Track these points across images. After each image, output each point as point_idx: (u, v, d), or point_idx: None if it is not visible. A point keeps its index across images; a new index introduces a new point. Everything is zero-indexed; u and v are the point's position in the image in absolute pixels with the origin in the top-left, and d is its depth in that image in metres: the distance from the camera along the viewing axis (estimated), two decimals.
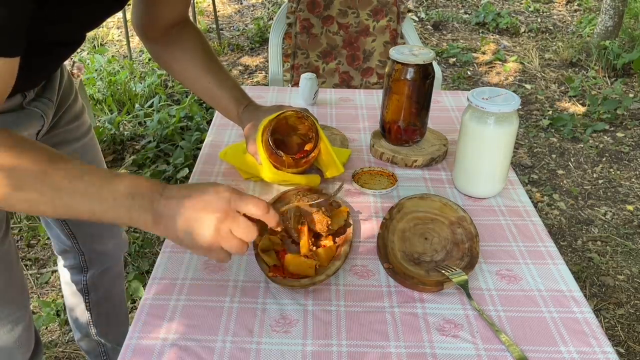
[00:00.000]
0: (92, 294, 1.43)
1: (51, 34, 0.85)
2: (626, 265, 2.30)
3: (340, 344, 0.80)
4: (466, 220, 1.02)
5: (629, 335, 1.99)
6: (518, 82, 3.90)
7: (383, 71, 1.83)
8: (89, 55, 3.86)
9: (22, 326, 1.11)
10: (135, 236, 2.34)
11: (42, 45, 0.86)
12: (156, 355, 0.77)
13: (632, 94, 3.68)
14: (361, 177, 1.18)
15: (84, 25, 0.94)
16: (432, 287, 0.89)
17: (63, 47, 0.95)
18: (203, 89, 1.15)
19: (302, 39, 2.26)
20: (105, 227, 1.35)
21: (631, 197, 2.73)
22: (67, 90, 1.16)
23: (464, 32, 4.75)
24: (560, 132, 3.27)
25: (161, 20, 1.11)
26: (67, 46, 0.96)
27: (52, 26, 0.83)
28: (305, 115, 1.08)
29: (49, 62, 0.98)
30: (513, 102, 1.05)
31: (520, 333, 0.82)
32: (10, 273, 1.08)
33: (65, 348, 1.89)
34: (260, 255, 0.93)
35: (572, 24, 4.91)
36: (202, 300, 0.87)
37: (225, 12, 5.08)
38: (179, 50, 1.14)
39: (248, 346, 0.79)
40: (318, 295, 0.88)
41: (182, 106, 3.18)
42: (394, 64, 1.19)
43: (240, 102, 1.15)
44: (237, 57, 4.22)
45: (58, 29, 0.85)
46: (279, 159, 1.07)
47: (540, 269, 0.95)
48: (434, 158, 1.23)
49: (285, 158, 1.07)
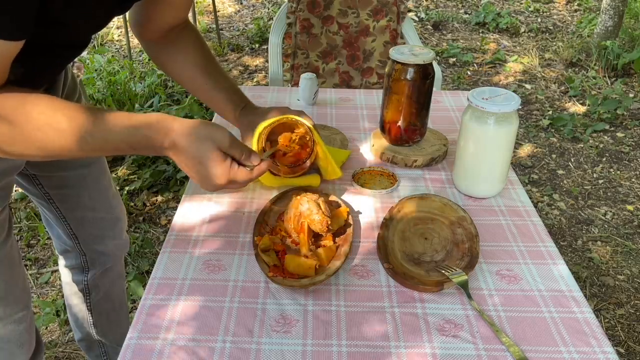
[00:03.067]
0: (93, 294, 1.43)
1: (57, 36, 0.85)
2: (626, 265, 2.30)
3: (340, 344, 0.80)
4: (466, 220, 1.01)
5: (629, 335, 1.99)
6: (518, 82, 3.90)
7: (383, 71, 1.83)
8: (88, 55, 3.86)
9: (23, 326, 1.12)
10: (135, 236, 2.34)
11: (48, 47, 0.87)
12: (156, 355, 0.78)
13: (632, 94, 3.68)
14: (361, 177, 1.18)
15: (90, 27, 0.93)
16: (432, 287, 0.89)
17: (69, 49, 0.95)
18: (200, 89, 1.15)
19: (302, 39, 2.26)
20: (106, 227, 1.35)
21: (631, 197, 2.73)
22: (71, 90, 1.16)
23: (464, 32, 4.75)
24: (560, 132, 3.27)
25: (162, 23, 1.11)
26: (72, 48, 0.96)
27: (58, 28, 0.83)
28: (302, 122, 1.07)
29: (54, 64, 0.98)
30: (513, 102, 1.05)
31: (520, 333, 0.82)
32: (13, 273, 1.08)
33: (65, 348, 1.89)
34: (260, 255, 0.93)
35: (572, 24, 4.91)
36: (202, 300, 0.87)
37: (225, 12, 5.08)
38: (178, 51, 1.13)
39: (248, 346, 0.79)
40: (318, 295, 0.89)
41: (182, 106, 3.18)
42: (394, 64, 1.19)
43: (238, 103, 1.14)
44: (237, 57, 4.22)
45: (64, 31, 0.85)
46: (276, 167, 1.07)
47: (540, 269, 0.95)
48: (434, 158, 1.23)
49: (281, 167, 1.07)
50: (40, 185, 1.21)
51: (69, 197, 1.25)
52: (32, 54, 0.82)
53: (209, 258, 0.96)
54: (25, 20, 0.71)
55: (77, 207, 1.28)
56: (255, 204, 1.10)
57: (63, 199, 1.25)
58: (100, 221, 1.33)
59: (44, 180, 1.21)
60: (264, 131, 1.05)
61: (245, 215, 1.07)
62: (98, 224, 1.33)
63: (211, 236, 1.01)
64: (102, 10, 0.89)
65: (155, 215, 2.52)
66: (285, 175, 1.10)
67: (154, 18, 1.10)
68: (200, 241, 1.00)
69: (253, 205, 1.09)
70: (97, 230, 1.34)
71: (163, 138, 0.84)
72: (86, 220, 1.30)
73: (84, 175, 1.25)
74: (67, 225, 1.30)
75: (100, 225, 1.34)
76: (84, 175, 1.25)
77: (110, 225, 1.36)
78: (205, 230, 1.02)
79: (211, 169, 0.86)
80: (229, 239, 1.01)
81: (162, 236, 2.39)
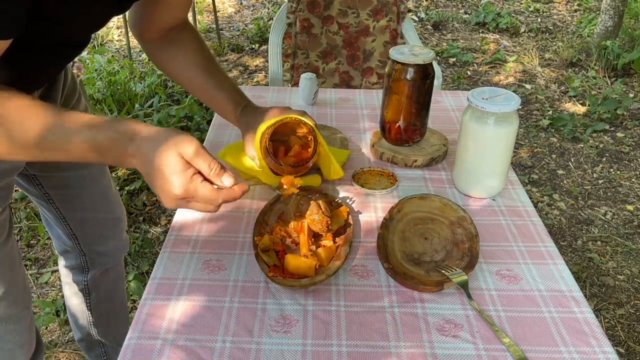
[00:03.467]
0: (93, 294, 1.43)
1: (52, 34, 0.85)
2: (626, 265, 2.30)
3: (340, 344, 0.80)
4: (466, 220, 1.02)
5: (629, 335, 1.99)
6: (518, 82, 3.90)
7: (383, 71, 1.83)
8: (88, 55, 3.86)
9: (24, 327, 1.12)
10: (135, 236, 2.34)
11: (45, 46, 0.86)
12: (156, 355, 0.78)
13: (632, 94, 3.68)
14: (361, 177, 1.18)
15: (88, 26, 0.93)
16: (432, 287, 0.89)
17: (68, 48, 0.95)
18: (200, 89, 1.14)
19: (302, 39, 2.26)
20: (106, 228, 1.35)
21: (631, 197, 2.73)
22: (71, 91, 1.16)
23: (464, 32, 4.75)
24: (560, 132, 3.27)
25: (161, 23, 1.11)
26: (72, 47, 0.96)
27: (56, 26, 0.82)
28: (304, 122, 1.07)
29: (54, 63, 0.98)
30: (513, 102, 1.05)
31: (520, 333, 0.82)
32: (13, 274, 1.08)
33: (65, 348, 1.89)
34: (260, 255, 0.93)
35: (572, 24, 4.91)
36: (202, 300, 0.87)
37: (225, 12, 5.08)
38: (177, 51, 1.13)
39: (248, 346, 0.79)
40: (318, 295, 0.89)
41: (182, 106, 3.18)
42: (394, 64, 1.19)
43: (238, 103, 1.13)
44: (237, 57, 4.22)
45: (62, 29, 0.85)
46: (278, 167, 1.07)
47: (540, 269, 0.95)
48: (434, 158, 1.23)
49: (284, 167, 1.07)
50: (40, 185, 1.21)
51: (69, 198, 1.25)
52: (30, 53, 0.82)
53: (209, 258, 0.96)
54: (14, 19, 0.71)
55: (77, 207, 1.28)
56: (255, 204, 1.10)
57: (63, 200, 1.25)
58: (100, 221, 1.33)
59: (44, 180, 1.21)
60: (267, 131, 1.04)
61: (245, 215, 1.07)
62: (98, 224, 1.33)
63: (211, 236, 1.01)
64: (98, 7, 0.88)
65: (155, 215, 2.52)
66: (287, 175, 1.09)
67: (153, 18, 1.10)
68: (200, 241, 1.00)
69: (253, 205, 1.09)
70: (97, 230, 1.34)
71: (128, 142, 0.78)
72: (86, 220, 1.30)
73: (83, 176, 1.25)
74: (67, 225, 1.29)
75: (100, 225, 1.34)
76: (84, 175, 1.25)
77: (110, 225, 1.36)
78: (205, 230, 1.02)
79: (169, 175, 0.76)
80: (229, 239, 1.01)
81: (162, 236, 2.38)
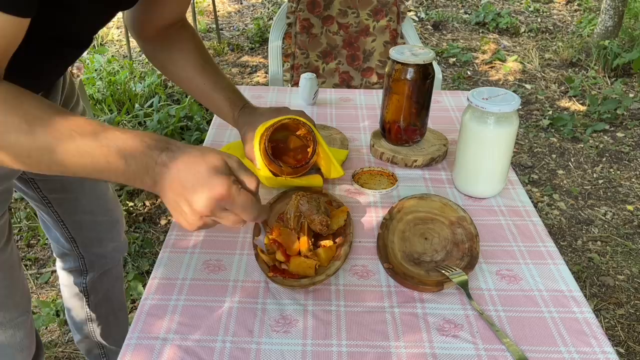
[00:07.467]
0: (92, 296, 1.43)
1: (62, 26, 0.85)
2: (626, 265, 2.30)
3: (340, 344, 0.80)
4: (466, 220, 1.01)
5: (629, 335, 1.99)
6: (518, 82, 3.90)
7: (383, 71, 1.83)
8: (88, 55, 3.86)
9: (23, 330, 1.11)
10: (135, 236, 2.34)
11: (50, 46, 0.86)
12: (156, 355, 0.77)
13: (632, 94, 3.68)
14: (361, 177, 1.18)
15: (94, 16, 0.92)
16: (432, 287, 0.89)
17: (70, 47, 0.95)
18: (198, 90, 1.13)
19: (302, 39, 2.26)
20: (105, 230, 1.35)
21: (631, 197, 2.73)
22: (69, 94, 1.16)
23: (464, 32, 4.75)
24: (560, 132, 3.27)
25: (159, 20, 1.10)
26: (74, 47, 0.96)
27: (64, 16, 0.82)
28: (303, 122, 1.07)
29: (56, 64, 0.98)
30: (513, 102, 1.05)
31: (520, 333, 0.82)
32: (13, 278, 1.08)
33: (65, 348, 1.89)
34: (260, 255, 0.93)
35: (572, 24, 4.91)
36: (202, 300, 0.87)
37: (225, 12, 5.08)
38: (175, 50, 1.12)
39: (248, 346, 0.79)
40: (318, 295, 0.88)
41: (182, 106, 3.18)
42: (394, 64, 1.19)
43: (236, 103, 1.12)
44: (237, 57, 4.22)
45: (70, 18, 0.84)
46: (278, 168, 1.07)
47: (540, 269, 0.95)
48: (434, 158, 1.23)
49: (284, 168, 1.06)
50: (39, 189, 1.21)
51: (67, 201, 1.25)
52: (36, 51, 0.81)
53: (209, 258, 0.96)
54: None
55: (75, 210, 1.27)
56: None
57: (61, 203, 1.25)
58: (98, 224, 1.33)
59: (42, 184, 1.20)
60: (266, 132, 1.04)
61: None
62: (96, 227, 1.33)
63: (211, 236, 1.01)
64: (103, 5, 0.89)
65: (155, 215, 2.52)
66: (287, 175, 1.09)
67: (152, 14, 1.09)
68: (200, 241, 1.00)
69: None
70: (95, 233, 1.33)
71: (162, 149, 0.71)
72: (84, 223, 1.30)
73: (82, 179, 1.24)
74: (66, 228, 1.29)
75: (99, 228, 1.33)
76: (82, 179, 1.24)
77: (108, 227, 1.36)
78: (205, 230, 1.02)
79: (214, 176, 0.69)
80: (229, 239, 1.01)
81: (162, 236, 2.38)
